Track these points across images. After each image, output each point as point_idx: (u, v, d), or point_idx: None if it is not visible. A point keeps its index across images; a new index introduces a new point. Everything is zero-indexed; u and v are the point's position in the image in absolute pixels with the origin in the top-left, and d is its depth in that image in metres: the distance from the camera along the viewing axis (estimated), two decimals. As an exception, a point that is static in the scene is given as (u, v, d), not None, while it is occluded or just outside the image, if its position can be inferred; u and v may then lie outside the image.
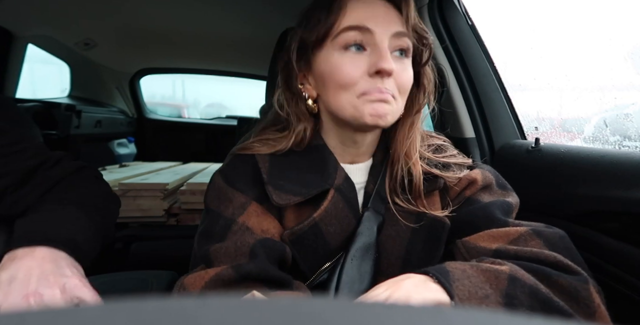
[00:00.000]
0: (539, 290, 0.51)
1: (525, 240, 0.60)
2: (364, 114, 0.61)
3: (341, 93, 0.62)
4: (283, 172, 0.67)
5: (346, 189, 0.68)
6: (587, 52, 1.17)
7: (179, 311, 0.14)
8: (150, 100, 3.58)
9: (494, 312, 0.16)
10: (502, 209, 0.66)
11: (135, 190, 1.65)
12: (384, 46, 0.61)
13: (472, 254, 0.62)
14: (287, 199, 0.64)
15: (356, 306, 0.16)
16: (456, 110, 1.19)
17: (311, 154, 0.70)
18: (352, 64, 0.61)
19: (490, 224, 0.63)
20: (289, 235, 0.65)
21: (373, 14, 0.62)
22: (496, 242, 0.61)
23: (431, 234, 0.67)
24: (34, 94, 2.57)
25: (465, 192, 0.70)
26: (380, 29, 0.61)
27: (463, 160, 0.75)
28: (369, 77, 0.61)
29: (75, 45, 2.44)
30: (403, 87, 0.63)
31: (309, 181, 0.66)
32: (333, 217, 0.66)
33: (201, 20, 2.10)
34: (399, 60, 0.63)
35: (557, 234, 0.61)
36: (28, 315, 0.14)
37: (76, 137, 2.43)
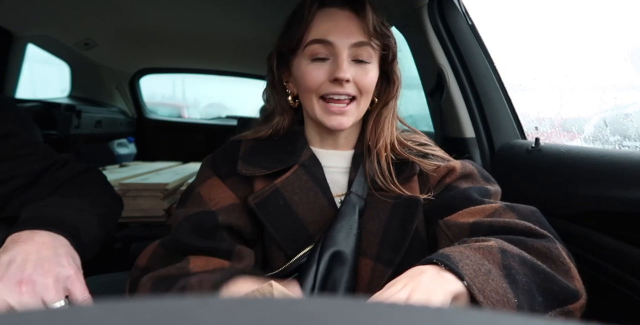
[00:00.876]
0: (525, 257, 0.56)
1: (500, 214, 0.66)
2: (326, 123, 0.73)
3: (308, 94, 0.74)
4: (257, 151, 0.79)
5: (310, 165, 0.77)
6: (587, 52, 1.17)
7: (179, 311, 0.14)
8: (150, 100, 3.58)
9: (493, 312, 0.16)
10: (480, 192, 0.72)
11: (135, 190, 1.65)
12: (342, 57, 0.71)
13: (452, 230, 0.68)
14: (253, 170, 0.75)
15: (356, 306, 0.16)
16: (456, 110, 1.19)
17: (286, 140, 0.80)
18: (316, 72, 0.72)
19: (468, 204, 0.70)
20: (252, 199, 0.73)
21: (335, 26, 0.72)
22: (473, 217, 0.67)
23: (406, 211, 0.73)
24: (34, 94, 2.57)
25: (445, 179, 0.76)
26: (340, 40, 0.71)
27: (444, 154, 0.82)
28: (330, 82, 0.71)
29: (75, 45, 2.44)
30: (364, 88, 0.73)
31: (278, 159, 0.77)
32: (296, 186, 0.74)
33: (201, 20, 2.10)
34: (359, 66, 0.73)
35: (528, 208, 0.68)
36: (28, 315, 0.14)
37: (76, 137, 2.43)
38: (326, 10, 0.73)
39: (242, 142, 0.81)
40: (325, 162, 0.79)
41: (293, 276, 0.70)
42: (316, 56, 0.72)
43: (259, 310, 0.15)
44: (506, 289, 0.51)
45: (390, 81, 0.79)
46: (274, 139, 0.81)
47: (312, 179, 0.75)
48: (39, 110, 2.22)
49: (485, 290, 0.50)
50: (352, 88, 0.72)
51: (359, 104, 0.74)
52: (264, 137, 0.81)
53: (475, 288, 0.50)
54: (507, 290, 0.51)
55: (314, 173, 0.76)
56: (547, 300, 0.54)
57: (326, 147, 0.81)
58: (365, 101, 0.75)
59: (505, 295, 0.50)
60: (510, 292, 0.51)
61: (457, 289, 0.50)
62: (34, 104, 2.25)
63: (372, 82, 0.75)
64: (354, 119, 0.75)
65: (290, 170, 0.75)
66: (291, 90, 0.81)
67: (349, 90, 0.72)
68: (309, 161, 0.77)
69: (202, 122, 3.58)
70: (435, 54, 1.20)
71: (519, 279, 0.53)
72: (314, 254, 0.68)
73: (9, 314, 0.14)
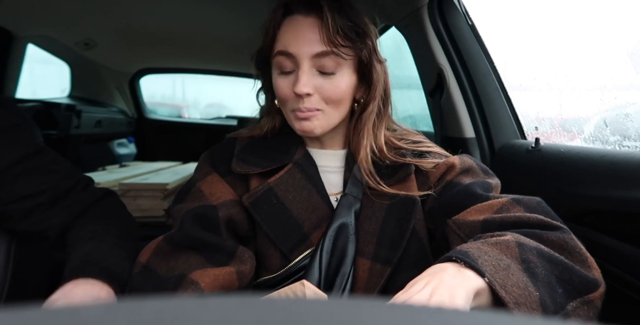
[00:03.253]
0: (542, 249, 0.56)
1: (508, 209, 0.66)
2: (296, 128, 0.73)
3: (283, 104, 0.74)
4: (252, 150, 0.78)
5: (304, 164, 0.76)
6: (588, 52, 1.17)
7: (179, 311, 0.14)
8: (150, 100, 3.58)
9: (493, 312, 0.16)
10: (483, 187, 0.71)
11: (135, 190, 1.65)
12: (302, 69, 0.68)
13: (463, 230, 0.66)
14: (247, 168, 0.74)
15: (357, 306, 0.16)
16: (456, 110, 1.19)
17: (279, 139, 0.80)
18: (282, 86, 0.71)
19: (473, 201, 0.68)
20: (247, 198, 0.73)
21: (296, 36, 0.69)
22: (483, 214, 0.66)
23: (403, 211, 0.72)
24: (34, 94, 2.58)
25: (446, 176, 0.75)
26: (300, 52, 0.68)
27: (441, 151, 0.80)
28: (294, 96, 0.70)
29: (75, 45, 2.44)
30: (330, 99, 0.71)
31: (272, 157, 0.76)
32: (290, 185, 0.74)
33: (201, 20, 2.10)
34: (325, 77, 0.70)
35: (534, 199, 0.68)
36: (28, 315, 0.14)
37: (76, 137, 2.43)
38: (292, 18, 0.71)
39: (237, 140, 0.81)
40: (320, 162, 0.79)
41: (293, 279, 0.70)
42: (282, 69, 0.71)
43: (259, 310, 0.15)
44: (527, 283, 0.51)
45: (370, 84, 0.75)
46: (268, 137, 0.81)
47: (306, 177, 0.75)
48: (39, 110, 2.22)
49: (506, 285, 0.50)
50: (315, 101, 0.70)
51: (325, 114, 0.72)
52: (258, 136, 0.81)
53: (496, 284, 0.49)
54: (528, 284, 0.51)
55: (307, 171, 0.76)
56: (567, 291, 0.53)
57: (316, 146, 0.81)
58: (335, 111, 0.73)
59: (527, 288, 0.50)
60: (531, 286, 0.51)
61: (479, 285, 0.50)
62: (34, 104, 2.25)
63: (342, 93, 0.71)
64: (324, 126, 0.73)
65: (284, 169, 0.75)
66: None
67: (311, 104, 0.70)
68: (303, 160, 0.77)
69: (202, 122, 3.58)
70: (435, 54, 1.20)
71: (538, 272, 0.52)
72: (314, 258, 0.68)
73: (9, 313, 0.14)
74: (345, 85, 0.72)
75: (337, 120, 0.75)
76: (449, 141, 1.24)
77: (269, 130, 0.80)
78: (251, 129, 0.83)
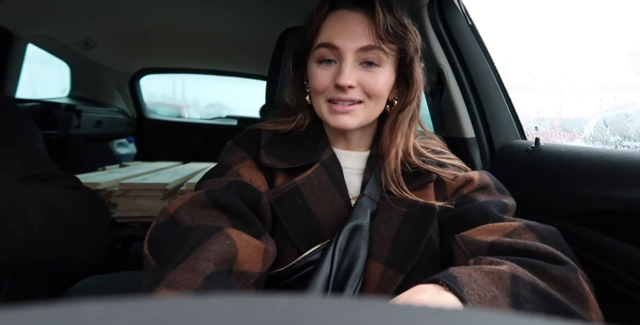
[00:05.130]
0: (538, 285, 0.54)
1: (519, 234, 0.64)
2: (331, 122, 0.73)
3: (316, 96, 0.74)
4: (279, 144, 0.78)
5: (331, 165, 0.76)
6: (588, 52, 1.17)
7: (179, 311, 0.14)
8: (150, 100, 3.58)
9: (493, 312, 0.16)
10: (498, 207, 0.71)
11: (135, 190, 1.65)
12: (346, 62, 0.69)
13: (469, 248, 0.65)
14: (275, 162, 0.74)
15: (357, 306, 0.16)
16: (456, 110, 1.19)
17: (307, 136, 0.80)
18: (322, 75, 0.72)
19: (486, 219, 0.68)
20: (272, 194, 0.73)
21: (342, 30, 0.70)
22: (492, 235, 0.65)
23: (420, 218, 0.71)
24: (34, 94, 2.57)
25: (463, 189, 0.75)
26: (345, 45, 0.69)
27: (461, 164, 0.80)
28: (334, 87, 0.70)
29: (75, 45, 2.44)
30: (372, 93, 0.71)
31: (299, 155, 0.76)
32: (315, 186, 0.73)
33: (201, 20, 2.10)
34: (367, 70, 0.71)
35: (548, 229, 0.66)
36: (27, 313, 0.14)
37: (76, 137, 2.43)
38: (338, 13, 0.72)
39: (262, 132, 0.80)
40: (344, 163, 0.78)
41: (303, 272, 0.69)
42: (322, 59, 0.72)
43: (259, 310, 0.15)
44: None
45: (408, 85, 0.76)
46: (295, 134, 0.80)
47: (332, 179, 0.75)
48: (39, 110, 2.22)
49: None
50: (357, 93, 0.71)
51: (366, 107, 0.73)
52: (284, 131, 0.80)
53: None
54: None
55: (333, 174, 0.75)
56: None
57: (341, 147, 0.81)
58: (375, 105, 0.73)
59: None
60: None
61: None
62: (34, 104, 2.25)
63: (382, 87, 0.72)
64: (361, 120, 0.73)
65: (311, 168, 0.75)
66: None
67: (353, 95, 0.70)
68: (330, 161, 0.76)
69: (202, 122, 3.58)
70: (435, 54, 1.20)
71: (526, 307, 0.51)
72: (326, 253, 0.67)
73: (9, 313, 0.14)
74: (386, 80, 0.72)
75: (374, 116, 0.75)
76: (449, 141, 1.23)
77: (297, 126, 0.80)
78: (276, 122, 0.82)
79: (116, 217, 1.64)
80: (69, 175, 0.87)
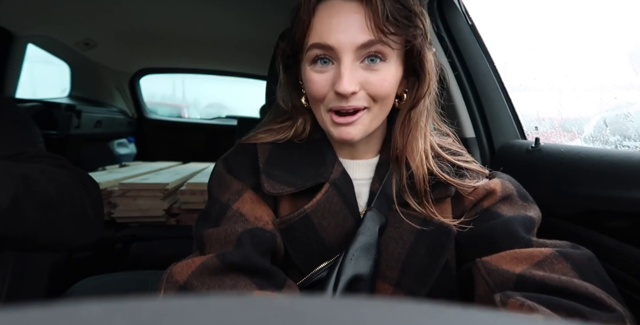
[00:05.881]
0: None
1: (552, 263, 0.56)
2: (334, 135, 0.63)
3: (315, 104, 0.64)
4: (280, 162, 0.68)
5: (342, 184, 0.67)
6: (588, 51, 1.17)
7: (179, 311, 0.14)
8: (150, 100, 3.58)
9: (494, 312, 0.16)
10: (524, 225, 0.62)
11: (135, 190, 1.65)
12: (344, 65, 0.58)
13: (493, 277, 0.58)
14: (280, 188, 0.65)
15: (356, 306, 0.16)
16: (456, 110, 1.19)
17: (311, 146, 0.70)
18: (318, 80, 0.61)
19: (512, 243, 0.60)
20: (279, 224, 0.65)
21: (337, 27, 0.58)
22: (520, 265, 0.57)
23: (435, 240, 0.64)
24: (34, 94, 2.57)
25: (483, 203, 0.67)
26: (342, 43, 0.58)
27: (480, 168, 0.71)
28: (334, 95, 0.60)
29: (75, 45, 2.44)
30: (378, 96, 0.61)
31: (305, 173, 0.66)
32: (326, 210, 0.65)
33: (201, 20, 2.10)
34: (371, 69, 0.60)
35: (585, 255, 0.58)
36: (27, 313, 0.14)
37: (76, 137, 2.43)
38: (329, 3, 0.60)
39: (258, 148, 0.69)
40: (352, 175, 0.69)
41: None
42: (317, 60, 0.61)
43: (259, 310, 0.15)
44: None
45: (419, 77, 0.65)
46: (295, 143, 0.70)
47: (343, 200, 0.66)
48: (39, 110, 2.22)
49: None
50: (361, 99, 0.60)
51: (371, 112, 0.63)
52: (283, 141, 0.70)
53: None
54: None
55: (345, 194, 0.66)
56: None
57: (346, 155, 0.71)
58: (381, 108, 0.63)
59: None
60: None
61: None
62: (34, 104, 2.25)
63: (389, 86, 0.62)
64: (366, 128, 0.63)
65: (321, 191, 0.66)
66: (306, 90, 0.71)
67: (356, 103, 0.60)
68: (341, 179, 0.67)
69: (202, 122, 3.58)
70: (435, 54, 1.20)
71: None
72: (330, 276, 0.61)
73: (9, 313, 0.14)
74: (392, 77, 0.62)
75: (381, 119, 0.65)
76: (449, 141, 1.24)
77: (296, 134, 0.70)
78: (271, 131, 0.72)
79: (116, 217, 1.64)
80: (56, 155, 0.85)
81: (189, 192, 1.67)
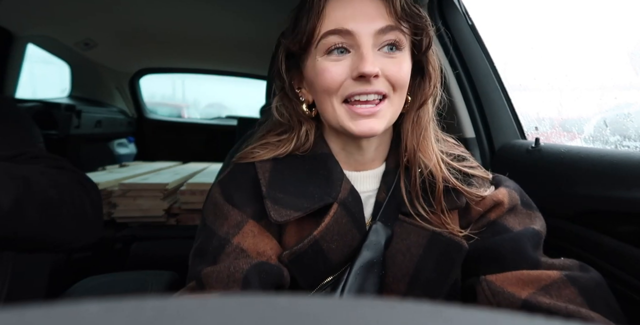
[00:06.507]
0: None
1: (559, 288, 0.55)
2: (353, 129, 0.60)
3: (327, 98, 0.60)
4: (284, 182, 0.64)
5: (351, 204, 0.63)
6: (588, 51, 1.17)
7: (179, 311, 0.14)
8: (150, 100, 3.58)
9: (493, 312, 0.16)
10: (532, 242, 0.61)
11: (135, 190, 1.65)
12: (366, 48, 0.57)
13: (498, 300, 0.57)
14: (287, 215, 0.61)
15: (356, 306, 0.16)
16: (456, 110, 1.19)
17: (315, 162, 0.66)
18: (335, 69, 0.58)
19: (519, 262, 0.59)
20: (288, 256, 0.61)
21: (353, 12, 0.58)
22: (526, 289, 0.56)
23: (445, 254, 0.62)
24: (34, 94, 2.58)
25: (490, 214, 0.65)
26: (361, 28, 0.57)
27: (484, 173, 0.69)
28: (353, 81, 0.58)
29: (75, 45, 2.44)
30: (398, 83, 0.59)
31: (311, 194, 0.62)
32: (335, 233, 0.62)
33: (201, 20, 2.10)
34: (389, 56, 0.59)
35: (593, 280, 0.57)
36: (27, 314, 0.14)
37: (76, 137, 2.43)
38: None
39: (257, 168, 0.65)
40: (359, 188, 0.66)
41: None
42: (333, 50, 0.58)
43: (259, 310, 0.15)
44: None
45: (424, 75, 0.65)
46: (298, 156, 0.66)
47: (352, 220, 0.63)
48: (39, 110, 2.22)
49: None
50: (382, 84, 0.58)
51: (392, 103, 0.60)
52: (284, 155, 0.66)
53: None
54: None
55: (353, 213, 0.63)
56: None
57: (352, 167, 0.68)
58: (399, 99, 0.61)
59: None
60: None
61: None
62: (34, 104, 2.25)
63: (406, 75, 0.60)
64: (387, 121, 0.60)
65: (329, 214, 0.62)
66: (305, 97, 0.67)
67: (379, 87, 0.58)
68: (349, 198, 0.63)
69: (202, 122, 3.58)
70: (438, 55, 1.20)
71: None
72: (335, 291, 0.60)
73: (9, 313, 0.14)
74: (408, 67, 0.61)
75: (397, 113, 0.63)
76: (449, 141, 1.24)
77: (298, 146, 0.66)
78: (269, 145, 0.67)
79: (116, 217, 1.64)
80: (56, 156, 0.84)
81: (189, 192, 1.67)
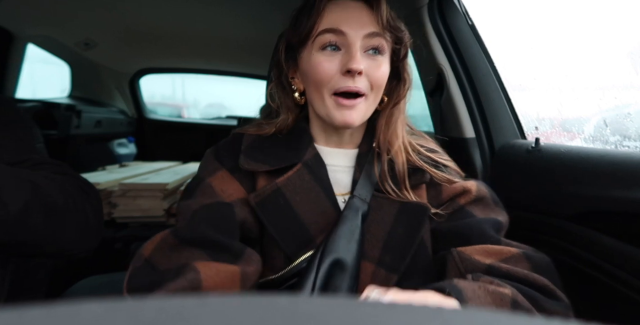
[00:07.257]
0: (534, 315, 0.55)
1: (516, 261, 0.65)
2: (335, 119, 0.70)
3: (318, 89, 0.71)
4: (262, 146, 0.76)
5: (314, 165, 0.74)
6: (587, 51, 1.17)
7: (178, 311, 0.14)
8: (150, 100, 3.58)
9: (493, 312, 0.16)
10: (494, 227, 0.71)
11: (135, 190, 1.65)
12: (355, 47, 0.68)
13: (465, 265, 0.66)
14: (255, 166, 0.73)
15: (356, 306, 0.16)
16: (456, 110, 1.19)
17: (291, 135, 0.78)
18: (327, 63, 0.69)
19: (483, 240, 0.68)
20: (253, 198, 0.71)
21: (347, 16, 0.69)
22: (490, 258, 0.65)
23: (412, 218, 0.71)
24: (34, 94, 2.58)
25: (459, 199, 0.75)
26: (352, 30, 0.68)
27: (457, 168, 0.79)
28: (341, 75, 0.68)
29: (75, 45, 2.44)
30: (376, 83, 0.70)
31: (280, 156, 0.75)
32: (297, 186, 0.72)
33: (201, 20, 2.10)
34: (372, 58, 0.70)
35: (544, 259, 0.67)
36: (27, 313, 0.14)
37: (76, 137, 2.43)
38: (338, 1, 0.71)
39: (244, 137, 0.78)
40: (329, 161, 0.77)
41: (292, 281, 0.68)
42: (327, 46, 0.69)
43: (259, 310, 0.15)
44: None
45: (400, 79, 0.77)
46: (278, 136, 0.78)
47: (315, 178, 0.73)
48: (39, 110, 2.22)
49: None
50: (364, 83, 0.69)
51: (367, 101, 0.71)
52: (267, 134, 0.78)
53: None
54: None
55: (316, 173, 0.74)
56: None
57: (330, 145, 0.79)
58: (374, 98, 0.72)
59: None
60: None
61: None
62: (34, 104, 2.25)
63: (385, 77, 0.72)
64: (362, 116, 0.72)
65: (293, 169, 0.73)
66: (297, 86, 0.78)
67: (361, 85, 0.68)
68: (313, 160, 0.75)
69: (202, 122, 3.58)
70: (435, 54, 1.20)
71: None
72: (313, 260, 0.66)
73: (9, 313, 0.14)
74: (387, 70, 0.72)
75: (371, 111, 0.74)
76: (449, 141, 1.24)
77: (279, 129, 0.78)
78: (259, 126, 0.80)
79: (116, 217, 1.64)
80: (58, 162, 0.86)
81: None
